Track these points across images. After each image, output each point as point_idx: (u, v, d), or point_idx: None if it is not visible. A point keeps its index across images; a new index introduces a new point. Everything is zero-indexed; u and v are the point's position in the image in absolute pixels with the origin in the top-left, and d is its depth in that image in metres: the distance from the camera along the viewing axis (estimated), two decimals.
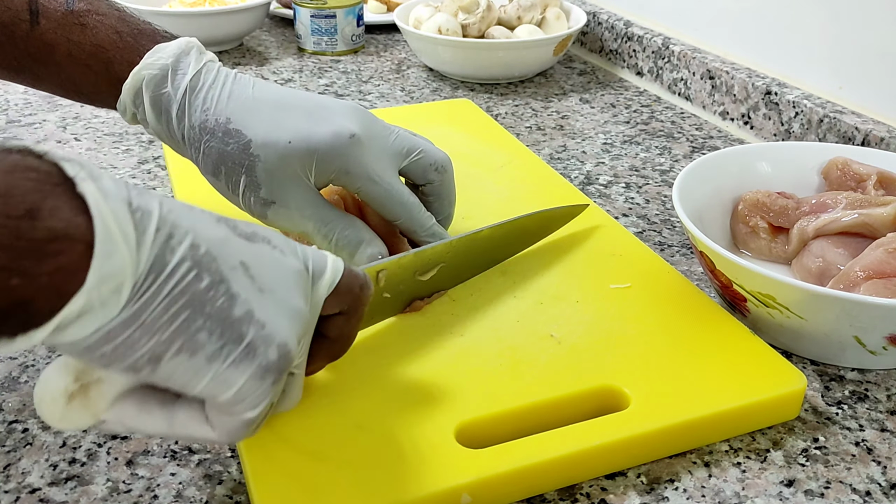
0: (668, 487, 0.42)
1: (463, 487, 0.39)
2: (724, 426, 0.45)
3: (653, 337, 0.49)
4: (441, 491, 0.39)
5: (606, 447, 0.42)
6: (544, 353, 0.48)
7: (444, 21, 0.97)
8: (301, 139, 0.48)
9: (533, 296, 0.53)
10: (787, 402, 0.46)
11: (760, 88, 0.82)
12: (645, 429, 0.42)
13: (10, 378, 0.49)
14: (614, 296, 0.53)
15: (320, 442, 0.41)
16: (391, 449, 0.41)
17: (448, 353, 0.48)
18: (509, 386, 0.45)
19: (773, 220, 0.58)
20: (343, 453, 0.40)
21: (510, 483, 0.40)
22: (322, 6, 1.05)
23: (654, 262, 0.57)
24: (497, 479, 0.40)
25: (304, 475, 0.39)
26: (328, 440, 0.41)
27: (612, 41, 1.04)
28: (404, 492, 0.38)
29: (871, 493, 0.42)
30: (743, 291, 0.50)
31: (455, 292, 0.53)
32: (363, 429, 0.42)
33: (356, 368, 0.46)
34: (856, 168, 0.60)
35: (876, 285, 0.49)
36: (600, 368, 0.46)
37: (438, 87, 0.98)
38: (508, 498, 0.41)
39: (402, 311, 0.51)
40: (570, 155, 0.80)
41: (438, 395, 0.44)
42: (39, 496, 0.41)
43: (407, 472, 0.39)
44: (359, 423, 0.42)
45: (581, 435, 0.42)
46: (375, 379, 0.46)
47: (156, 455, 0.43)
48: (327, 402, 0.44)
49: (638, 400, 0.44)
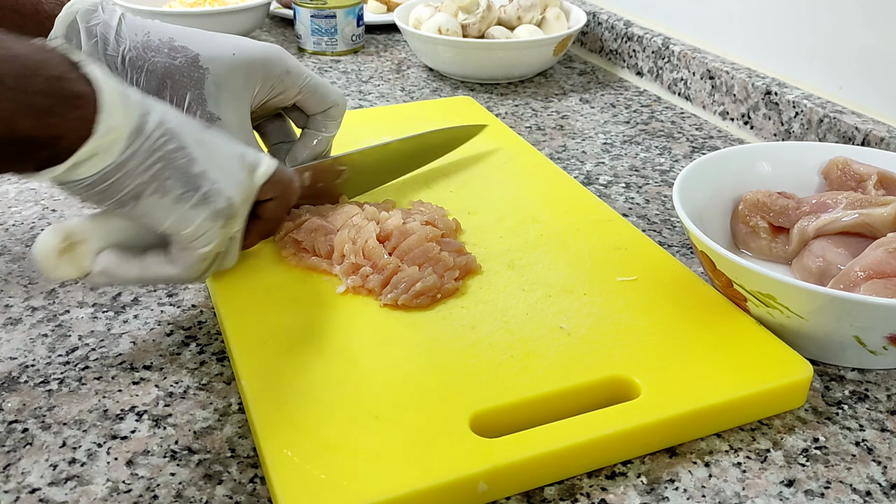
0: (668, 487, 0.42)
1: (480, 476, 0.40)
2: (733, 414, 0.45)
3: (660, 328, 0.50)
4: (458, 479, 0.39)
5: (620, 435, 0.42)
6: (555, 344, 0.48)
7: (444, 21, 0.97)
8: (243, 51, 0.55)
9: (541, 289, 0.54)
10: (794, 390, 0.47)
11: (760, 88, 0.82)
12: (657, 417, 0.43)
13: (10, 378, 0.49)
14: (621, 288, 0.54)
15: (338, 432, 0.42)
16: (407, 438, 0.41)
17: (461, 346, 0.48)
18: (522, 376, 0.46)
19: (773, 220, 0.58)
20: (360, 443, 0.41)
21: (526, 471, 0.41)
22: (322, 6, 1.05)
23: (658, 255, 0.58)
24: (513, 468, 0.40)
25: (322, 464, 0.40)
26: (345, 430, 0.42)
27: (612, 41, 1.04)
28: (422, 480, 0.39)
29: (871, 493, 0.42)
30: (743, 291, 0.50)
31: (465, 287, 0.54)
32: (379, 419, 0.42)
33: (371, 360, 0.47)
34: (856, 168, 0.60)
35: (876, 285, 0.49)
36: (610, 359, 0.47)
37: (438, 87, 0.98)
38: (524, 486, 0.41)
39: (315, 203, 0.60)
40: (570, 155, 0.80)
41: (452, 386, 0.45)
42: (39, 496, 0.41)
43: (424, 460, 0.40)
44: (375, 413, 0.43)
45: (595, 424, 0.42)
46: (390, 370, 0.46)
47: (156, 455, 0.43)
48: (344, 393, 0.44)
49: (649, 389, 0.45)
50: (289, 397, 0.44)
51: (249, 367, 0.46)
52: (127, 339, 0.52)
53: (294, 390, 0.44)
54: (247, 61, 0.55)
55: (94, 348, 0.51)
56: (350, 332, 0.49)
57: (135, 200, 0.43)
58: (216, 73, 0.54)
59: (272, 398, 0.44)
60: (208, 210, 0.45)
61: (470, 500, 0.40)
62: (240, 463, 0.43)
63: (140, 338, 0.52)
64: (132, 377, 0.49)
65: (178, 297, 0.56)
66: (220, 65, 0.54)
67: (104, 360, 0.50)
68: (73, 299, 0.56)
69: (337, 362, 0.47)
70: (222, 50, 0.54)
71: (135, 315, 0.54)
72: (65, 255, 0.46)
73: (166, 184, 0.44)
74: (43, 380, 0.49)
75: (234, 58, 0.54)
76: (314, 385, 0.45)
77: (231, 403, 0.47)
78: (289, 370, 0.46)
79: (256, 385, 0.45)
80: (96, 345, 0.52)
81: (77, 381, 0.49)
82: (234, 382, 0.49)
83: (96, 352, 0.51)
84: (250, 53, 0.55)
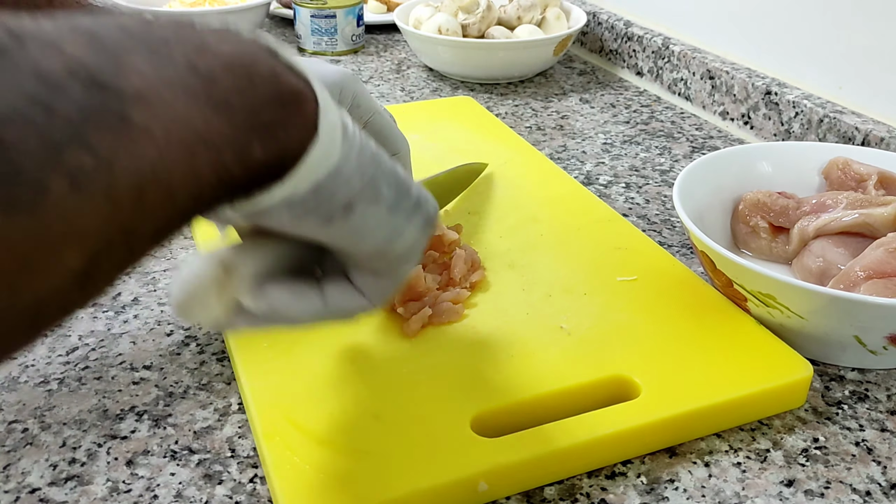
0: (668, 487, 0.42)
1: (480, 475, 0.40)
2: (733, 414, 0.45)
3: (660, 327, 0.50)
4: (458, 479, 0.39)
5: (619, 435, 0.42)
6: (555, 344, 0.48)
7: (444, 21, 0.97)
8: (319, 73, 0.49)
9: (541, 289, 0.54)
10: (794, 389, 0.47)
11: (760, 88, 0.82)
12: (657, 417, 0.43)
13: (10, 378, 0.49)
14: (621, 288, 0.54)
15: (338, 431, 0.42)
16: (408, 438, 0.41)
17: (461, 346, 0.48)
18: (522, 376, 0.46)
19: (773, 220, 0.58)
20: (360, 442, 0.41)
21: (526, 470, 0.41)
22: (322, 6, 1.05)
23: (659, 255, 0.58)
24: (513, 467, 0.40)
25: (322, 464, 0.40)
26: (346, 430, 0.42)
27: (612, 41, 1.04)
28: (423, 480, 0.39)
29: (871, 493, 0.42)
30: (743, 291, 0.50)
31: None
32: (380, 419, 0.43)
33: (372, 360, 0.47)
34: (856, 168, 0.60)
35: (876, 285, 0.49)
36: (610, 359, 0.47)
37: (438, 86, 0.98)
38: (524, 485, 0.41)
39: None
40: (570, 155, 0.80)
41: (453, 386, 0.45)
42: (39, 496, 0.41)
43: (424, 460, 0.40)
44: (375, 413, 0.43)
45: (594, 423, 0.42)
46: (391, 370, 0.46)
47: (156, 455, 0.43)
48: (344, 393, 0.44)
49: (649, 389, 0.45)
50: (289, 397, 0.44)
51: (250, 367, 0.46)
52: (127, 339, 0.52)
53: (294, 390, 0.44)
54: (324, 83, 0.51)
55: (94, 348, 0.51)
56: (351, 332, 0.49)
57: (346, 215, 0.34)
58: None
59: (272, 397, 0.44)
60: (421, 219, 0.37)
61: (470, 499, 0.40)
62: (240, 463, 0.43)
63: (140, 338, 0.52)
64: (132, 377, 0.49)
65: None
66: None
67: (104, 360, 0.50)
68: None
69: (337, 362, 0.47)
70: None
71: (135, 315, 0.54)
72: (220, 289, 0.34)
73: (380, 189, 0.35)
74: (43, 380, 0.49)
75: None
76: (315, 384, 0.45)
77: (231, 403, 0.47)
78: (289, 369, 0.46)
79: (257, 384, 0.45)
80: (96, 345, 0.52)
81: (77, 381, 0.49)
82: (234, 382, 0.49)
83: (96, 352, 0.51)
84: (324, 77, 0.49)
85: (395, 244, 0.36)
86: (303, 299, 0.36)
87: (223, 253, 0.35)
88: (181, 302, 0.34)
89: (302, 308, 0.36)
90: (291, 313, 0.36)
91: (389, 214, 0.35)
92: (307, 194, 0.32)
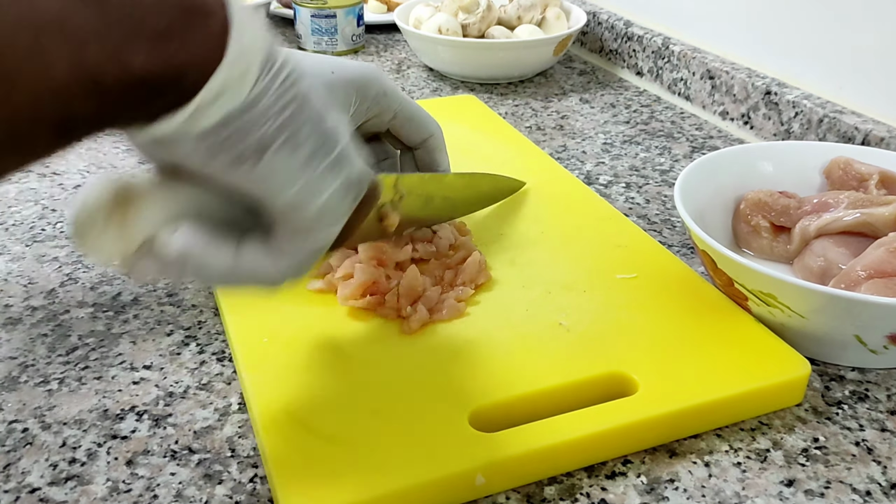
0: (668, 487, 0.42)
1: (477, 469, 0.40)
2: (729, 410, 0.45)
3: (659, 325, 0.50)
4: (456, 473, 0.39)
5: (616, 430, 0.42)
6: (554, 340, 0.48)
7: (444, 21, 0.97)
8: (340, 69, 0.50)
9: (541, 285, 0.54)
10: (792, 387, 0.47)
11: (760, 88, 0.82)
12: (653, 413, 0.43)
13: (10, 378, 0.49)
14: (621, 285, 0.54)
15: (337, 426, 0.42)
16: (406, 433, 0.41)
17: (460, 341, 0.48)
18: (521, 372, 0.46)
19: (774, 220, 0.58)
20: (359, 437, 0.41)
21: (523, 464, 0.41)
22: (322, 6, 1.05)
23: (659, 253, 0.58)
24: (510, 461, 0.40)
25: (321, 459, 0.40)
26: (344, 424, 0.42)
27: (612, 41, 1.04)
28: (420, 473, 0.39)
29: (871, 493, 0.42)
30: (744, 290, 0.50)
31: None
32: (378, 414, 0.43)
33: (370, 355, 0.47)
34: (858, 167, 0.60)
35: (877, 284, 0.49)
36: (609, 355, 0.47)
37: (438, 86, 0.98)
38: (521, 479, 0.42)
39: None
40: (570, 155, 0.80)
41: (452, 382, 0.45)
42: (39, 496, 0.41)
43: (422, 454, 0.40)
44: (374, 408, 0.43)
45: (591, 419, 0.42)
46: (389, 365, 0.46)
47: (156, 455, 0.43)
48: (343, 388, 0.44)
49: (646, 386, 0.45)
50: (290, 392, 0.44)
51: (251, 363, 0.46)
52: (127, 339, 0.52)
53: (295, 385, 0.45)
54: (345, 80, 0.50)
55: (94, 348, 0.51)
56: (352, 329, 0.49)
57: (257, 156, 0.32)
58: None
59: (273, 392, 0.44)
60: (341, 177, 0.35)
61: (467, 493, 0.40)
62: (240, 463, 0.43)
63: (140, 338, 0.52)
64: (132, 377, 0.49)
65: (178, 296, 0.56)
66: (319, 82, 0.49)
67: (104, 360, 0.50)
68: (73, 299, 0.56)
69: (336, 357, 0.47)
70: (320, 68, 0.50)
71: (135, 315, 0.54)
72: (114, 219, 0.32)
73: (299, 134, 0.33)
74: (43, 380, 0.49)
75: (332, 76, 0.50)
76: (314, 380, 0.45)
77: (231, 403, 0.47)
78: (290, 365, 0.46)
79: (258, 380, 0.45)
80: (96, 345, 0.52)
81: (77, 381, 0.48)
82: (234, 382, 0.49)
83: (96, 352, 0.51)
84: (348, 72, 0.51)
85: (312, 201, 0.34)
86: (214, 251, 0.35)
87: (125, 179, 0.33)
88: (74, 224, 0.32)
89: (212, 260, 0.35)
90: (201, 264, 0.35)
91: (304, 165, 0.34)
92: (217, 127, 0.31)
